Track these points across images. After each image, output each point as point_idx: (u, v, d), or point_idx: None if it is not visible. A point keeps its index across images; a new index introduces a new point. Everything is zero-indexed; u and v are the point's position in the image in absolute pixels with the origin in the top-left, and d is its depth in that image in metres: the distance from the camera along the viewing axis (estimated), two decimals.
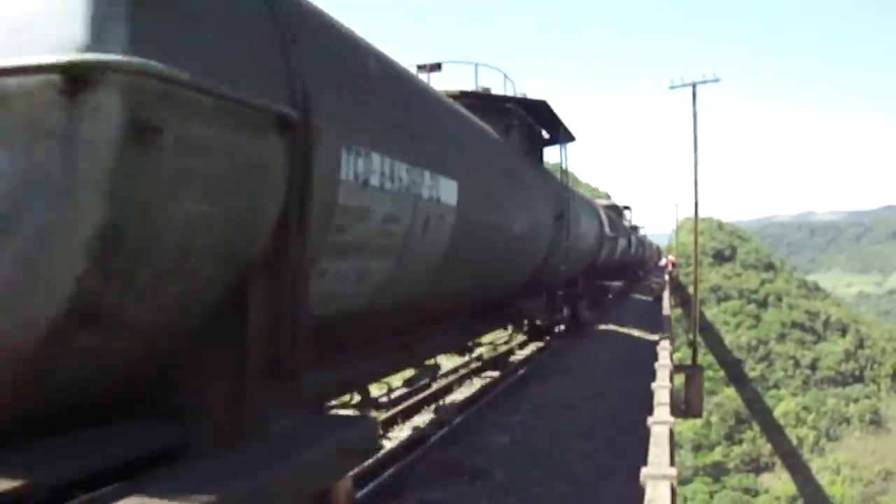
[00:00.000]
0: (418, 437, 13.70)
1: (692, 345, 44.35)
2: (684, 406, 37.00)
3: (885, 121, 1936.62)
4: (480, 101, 15.29)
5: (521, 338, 26.19)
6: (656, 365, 17.30)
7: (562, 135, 19.95)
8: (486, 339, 19.28)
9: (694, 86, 43.01)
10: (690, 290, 58.37)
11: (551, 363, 23.65)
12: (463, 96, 14.88)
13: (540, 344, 26.62)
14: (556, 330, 25.07)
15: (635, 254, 60.92)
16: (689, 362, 42.60)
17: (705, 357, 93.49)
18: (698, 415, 40.27)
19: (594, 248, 28.20)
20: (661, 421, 11.03)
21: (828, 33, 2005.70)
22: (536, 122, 18.51)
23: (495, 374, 21.59)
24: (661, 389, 13.94)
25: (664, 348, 20.15)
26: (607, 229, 32.52)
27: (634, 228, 68.92)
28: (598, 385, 20.07)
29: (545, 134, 19.88)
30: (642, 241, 77.37)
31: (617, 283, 45.08)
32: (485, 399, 18.03)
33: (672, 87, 44.12)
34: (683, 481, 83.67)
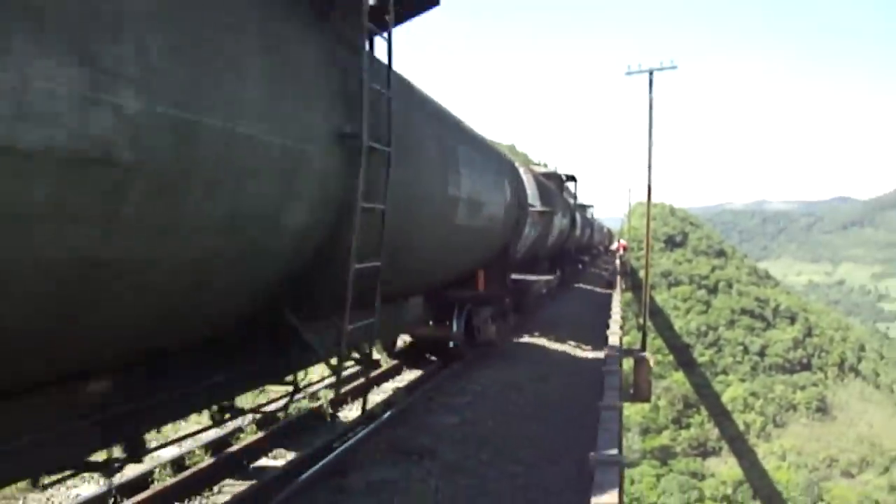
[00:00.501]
0: None
1: (642, 329, 44.17)
2: (633, 390, 36.86)
3: (839, 114, 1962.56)
4: None
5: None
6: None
7: None
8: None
9: (651, 73, 42.44)
10: (642, 274, 58.22)
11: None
12: None
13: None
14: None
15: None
16: (638, 347, 42.58)
17: (654, 341, 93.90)
18: (646, 399, 40.02)
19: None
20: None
21: (788, 24, 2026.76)
22: None
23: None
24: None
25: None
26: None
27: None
28: None
29: None
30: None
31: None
32: None
33: (629, 73, 43.47)
34: (630, 464, 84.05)
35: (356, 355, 9.25)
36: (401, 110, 8.86)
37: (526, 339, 24.19)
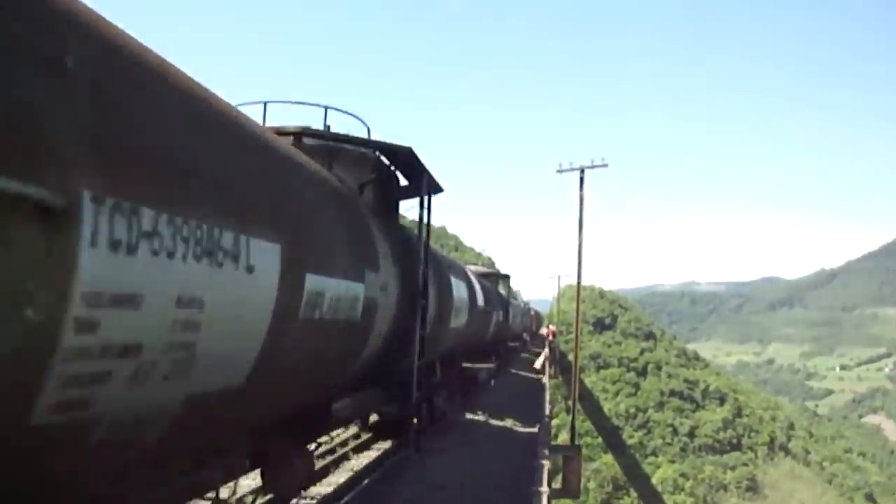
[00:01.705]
0: None
1: (571, 419, 43.84)
2: (562, 485, 36.68)
3: (763, 195, 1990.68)
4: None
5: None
6: None
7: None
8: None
9: (582, 170, 42.63)
10: (570, 357, 58.25)
11: None
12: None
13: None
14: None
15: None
16: (566, 442, 42.48)
17: (584, 424, 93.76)
18: (576, 496, 39.82)
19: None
20: None
21: (710, 112, 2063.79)
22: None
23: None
24: None
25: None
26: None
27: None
28: None
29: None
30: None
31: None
32: None
33: (560, 171, 43.62)
34: None
35: None
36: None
37: (471, 415, 27.10)
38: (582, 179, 42.41)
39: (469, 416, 26.81)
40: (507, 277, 59.51)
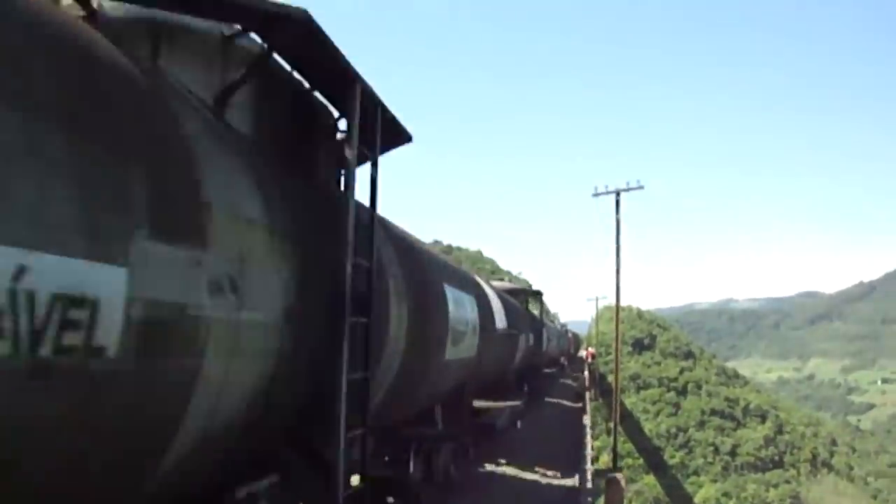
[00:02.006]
0: None
1: (613, 449, 43.95)
2: None
3: (799, 209, 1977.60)
4: None
5: None
6: None
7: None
8: None
9: (617, 193, 42.71)
10: (610, 379, 58.42)
11: None
12: None
13: None
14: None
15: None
16: (608, 453, 42.77)
17: (625, 445, 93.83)
18: None
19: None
20: None
21: (747, 128, 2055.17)
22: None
23: None
24: None
25: None
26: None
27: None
28: None
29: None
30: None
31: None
32: None
33: (596, 195, 43.67)
34: None
35: None
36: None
37: (490, 467, 21.70)
38: (618, 202, 42.58)
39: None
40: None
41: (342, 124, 9.11)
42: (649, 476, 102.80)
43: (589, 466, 23.89)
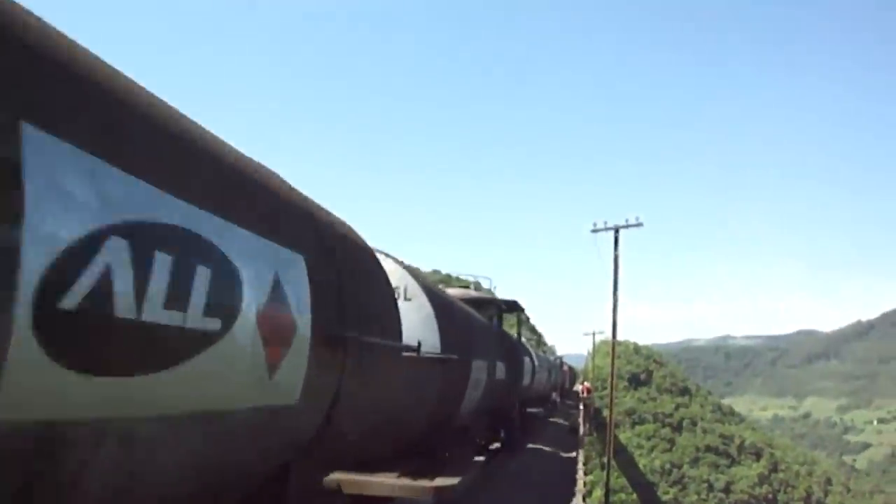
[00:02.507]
0: None
1: (605, 485, 43.98)
2: None
3: (797, 248, 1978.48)
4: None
5: None
6: None
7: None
8: None
9: (616, 230, 42.82)
10: (605, 413, 58.46)
11: None
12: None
13: None
14: None
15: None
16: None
17: (618, 480, 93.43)
18: None
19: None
20: None
21: (744, 165, 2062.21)
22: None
23: None
24: None
25: None
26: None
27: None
28: None
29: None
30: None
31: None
32: None
33: (594, 231, 43.71)
34: None
35: None
36: None
37: None
38: (616, 239, 42.73)
39: None
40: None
41: None
42: None
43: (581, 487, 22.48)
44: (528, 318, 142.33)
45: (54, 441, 3.25)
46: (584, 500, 23.27)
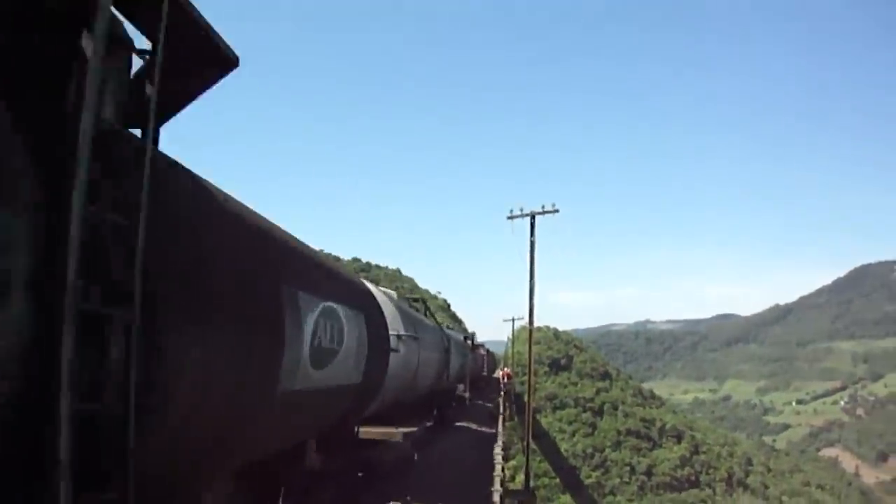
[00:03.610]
0: None
1: (525, 468, 43.53)
2: None
3: (716, 233, 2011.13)
4: None
5: None
6: None
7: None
8: None
9: (532, 216, 42.73)
10: (525, 398, 57.87)
11: None
12: None
13: None
14: None
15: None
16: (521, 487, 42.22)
17: (541, 465, 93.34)
18: None
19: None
20: None
21: (661, 150, 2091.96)
22: None
23: None
24: None
25: None
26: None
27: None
28: None
29: None
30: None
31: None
32: None
33: (510, 217, 43.70)
34: None
35: None
36: None
37: None
38: (533, 225, 42.57)
39: None
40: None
41: None
42: (565, 496, 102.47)
43: (499, 472, 23.61)
44: (448, 305, 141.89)
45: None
46: (501, 484, 22.47)
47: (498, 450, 31.35)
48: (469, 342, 53.50)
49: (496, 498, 20.83)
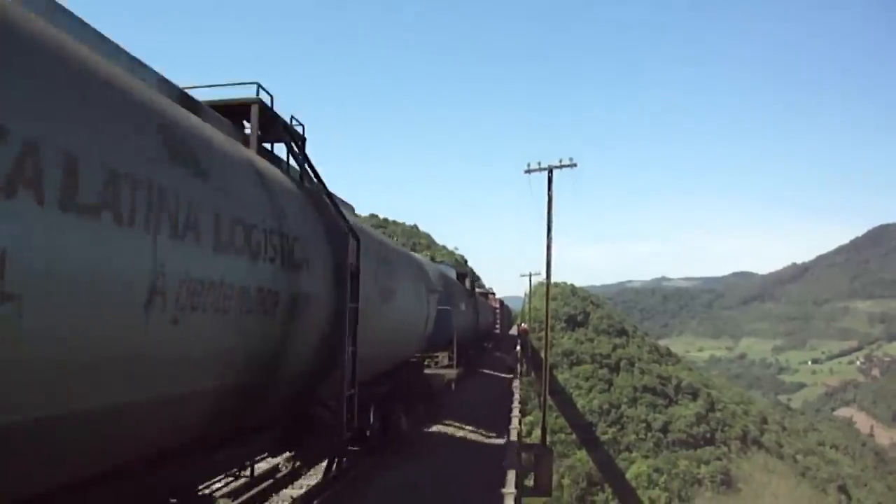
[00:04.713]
0: None
1: (542, 423, 43.50)
2: (533, 483, 36.51)
3: (734, 191, 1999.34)
4: None
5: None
6: None
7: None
8: None
9: (550, 170, 42.28)
10: (542, 354, 57.74)
11: None
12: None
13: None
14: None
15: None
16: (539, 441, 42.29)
17: (557, 420, 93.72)
18: (547, 493, 39.53)
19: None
20: None
21: (681, 109, 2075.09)
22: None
23: None
24: None
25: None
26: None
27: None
28: None
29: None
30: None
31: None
32: None
33: (528, 171, 43.18)
34: None
35: None
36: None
37: (435, 428, 24.42)
38: (550, 179, 42.10)
39: (434, 428, 24.41)
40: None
41: None
42: (581, 451, 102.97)
43: (515, 425, 23.96)
44: (465, 261, 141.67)
45: None
46: (518, 437, 22.62)
47: (516, 402, 32.39)
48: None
49: (515, 433, 21.91)
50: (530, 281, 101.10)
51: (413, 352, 20.80)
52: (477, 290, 55.60)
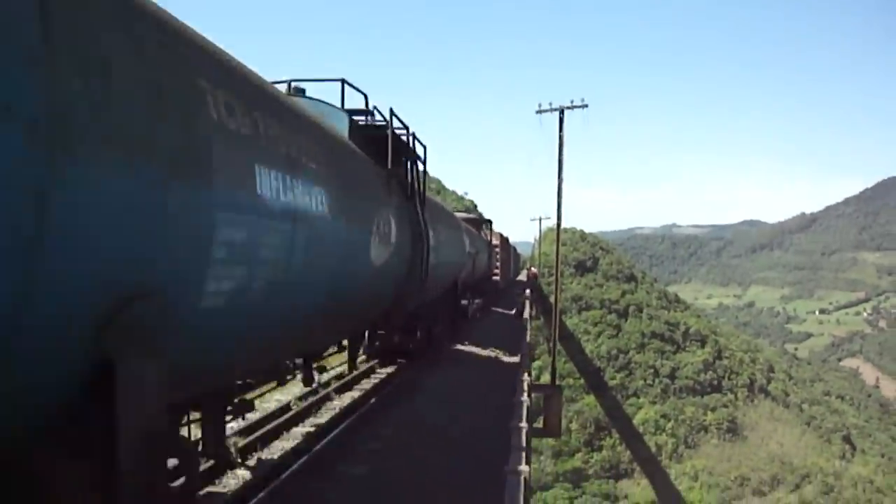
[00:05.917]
0: None
1: (552, 365, 43.66)
2: (543, 425, 36.61)
3: (745, 140, 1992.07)
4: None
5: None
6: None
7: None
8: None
9: (561, 111, 41.91)
10: (552, 299, 57.72)
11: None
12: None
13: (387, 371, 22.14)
14: (410, 348, 21.55)
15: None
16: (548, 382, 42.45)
17: (566, 365, 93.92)
18: (556, 435, 39.60)
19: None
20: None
21: (693, 54, 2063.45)
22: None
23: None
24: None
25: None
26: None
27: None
28: None
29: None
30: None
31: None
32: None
33: (539, 112, 42.76)
34: (544, 487, 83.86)
35: None
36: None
37: (461, 346, 28.82)
38: (561, 120, 41.83)
39: (460, 347, 28.58)
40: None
41: None
42: (589, 396, 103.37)
43: (526, 351, 29.53)
44: (475, 206, 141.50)
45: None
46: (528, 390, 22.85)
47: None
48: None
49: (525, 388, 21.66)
50: (540, 225, 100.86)
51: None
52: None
